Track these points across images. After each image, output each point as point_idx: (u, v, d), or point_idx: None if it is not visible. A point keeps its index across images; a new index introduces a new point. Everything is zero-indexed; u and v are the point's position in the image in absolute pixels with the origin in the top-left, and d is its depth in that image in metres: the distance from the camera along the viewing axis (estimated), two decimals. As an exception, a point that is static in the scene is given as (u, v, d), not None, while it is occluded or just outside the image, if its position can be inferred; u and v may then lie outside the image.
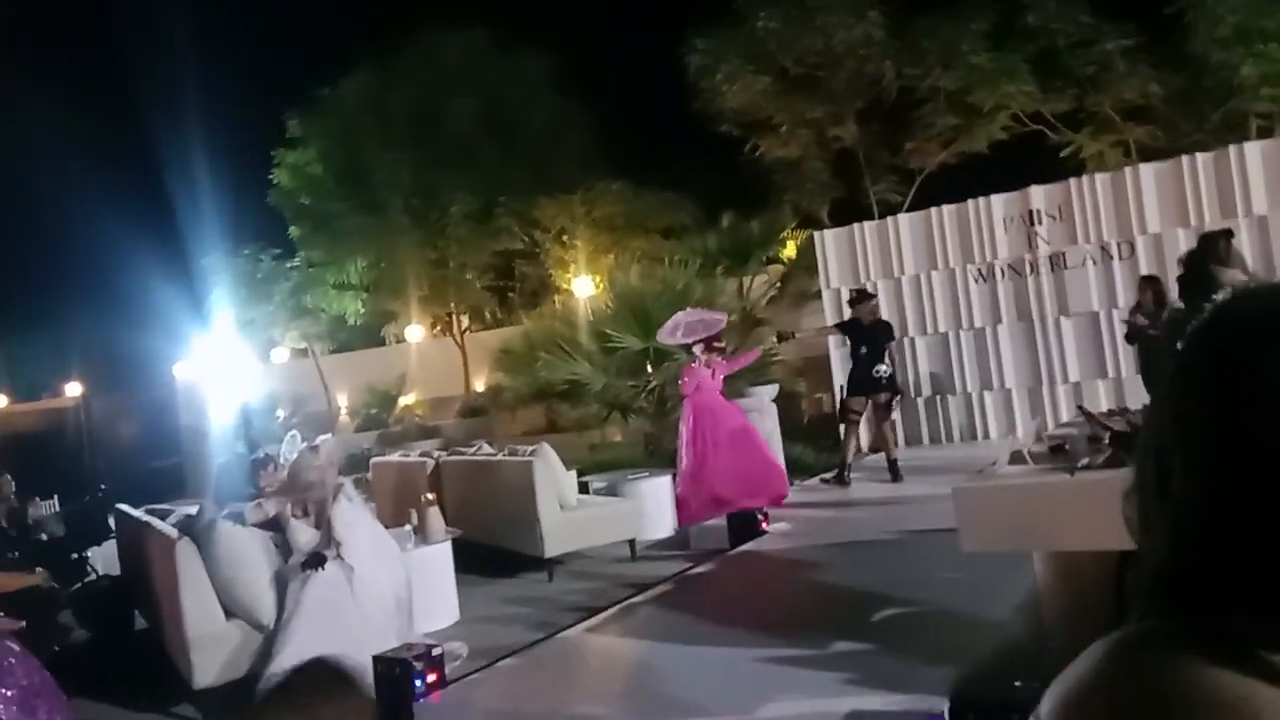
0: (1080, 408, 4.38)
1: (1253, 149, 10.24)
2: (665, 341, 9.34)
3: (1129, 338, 7.94)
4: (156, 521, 5.49)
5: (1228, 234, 6.11)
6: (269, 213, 22.13)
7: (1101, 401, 9.36)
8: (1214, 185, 10.18)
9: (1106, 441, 3.59)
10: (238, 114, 20.52)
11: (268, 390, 20.39)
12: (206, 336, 20.28)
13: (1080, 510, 3.09)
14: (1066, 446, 3.77)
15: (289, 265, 22.04)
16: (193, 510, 5.65)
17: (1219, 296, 0.85)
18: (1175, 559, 0.71)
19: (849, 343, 8.75)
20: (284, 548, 5.11)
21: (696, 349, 8.39)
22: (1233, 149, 10.27)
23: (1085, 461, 3.43)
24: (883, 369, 8.48)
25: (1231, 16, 12.67)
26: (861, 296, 8.86)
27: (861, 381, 8.56)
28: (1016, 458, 3.75)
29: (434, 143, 20.58)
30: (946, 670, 3.46)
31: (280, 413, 19.45)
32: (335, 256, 21.77)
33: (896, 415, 10.08)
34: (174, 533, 4.88)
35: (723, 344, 8.84)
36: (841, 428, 8.96)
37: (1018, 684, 2.88)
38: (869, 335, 8.56)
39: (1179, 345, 0.80)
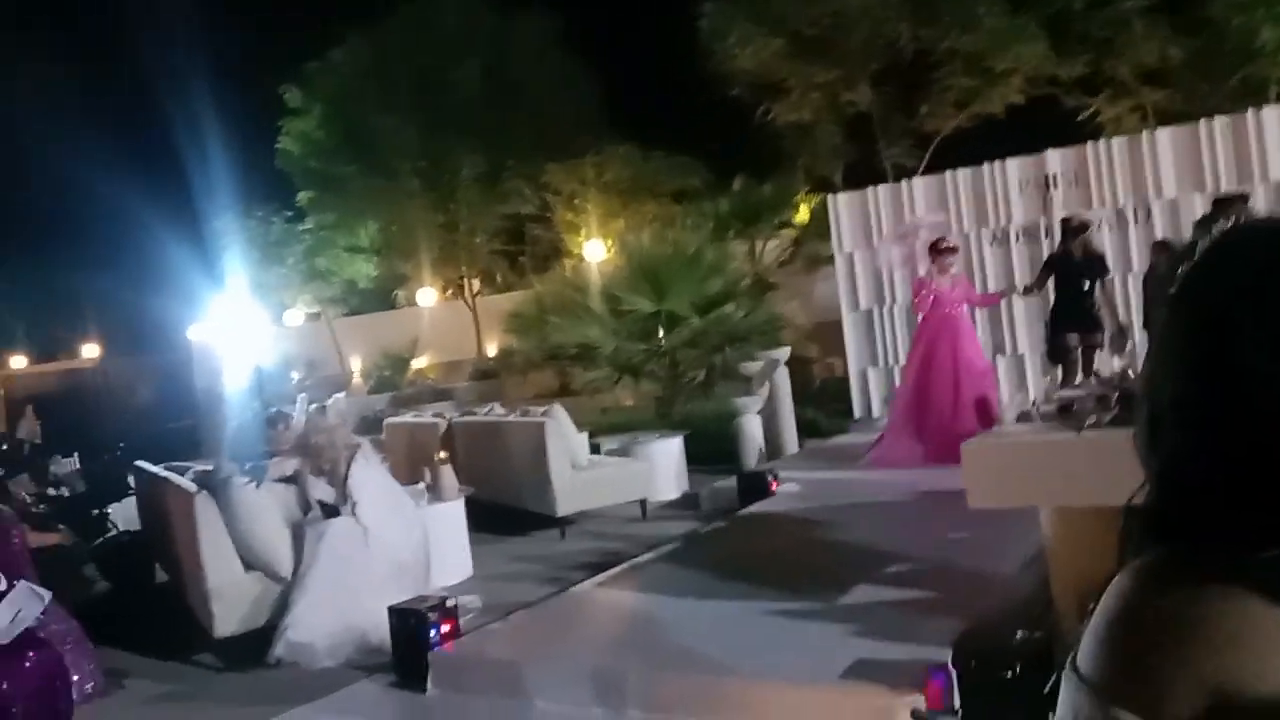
0: (1090, 368, 4.39)
1: (1271, 113, 10.09)
2: (886, 266, 8.83)
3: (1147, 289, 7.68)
4: (175, 476, 5.59)
5: (1243, 198, 6.01)
6: (279, 177, 22.16)
7: (1114, 364, 9.33)
8: (1231, 150, 10.05)
9: (1114, 401, 3.62)
10: (244, 80, 20.48)
11: (282, 352, 20.53)
12: (221, 299, 20.38)
13: (1085, 467, 3.13)
14: (1075, 406, 3.80)
15: (301, 229, 22.10)
16: (209, 468, 5.75)
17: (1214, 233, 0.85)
18: (1158, 505, 0.69)
19: (1055, 278, 7.96)
20: (302, 503, 5.22)
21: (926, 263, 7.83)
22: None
23: (1092, 420, 3.46)
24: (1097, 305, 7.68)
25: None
26: (1081, 228, 7.87)
27: (1078, 317, 7.66)
28: (1024, 417, 3.79)
29: (439, 106, 20.45)
30: (952, 623, 3.52)
31: (295, 375, 19.60)
32: (345, 220, 21.83)
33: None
34: (193, 487, 4.98)
35: (954, 245, 8.03)
36: (1057, 370, 7.87)
37: (1020, 634, 2.94)
38: (1085, 269, 7.68)
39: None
